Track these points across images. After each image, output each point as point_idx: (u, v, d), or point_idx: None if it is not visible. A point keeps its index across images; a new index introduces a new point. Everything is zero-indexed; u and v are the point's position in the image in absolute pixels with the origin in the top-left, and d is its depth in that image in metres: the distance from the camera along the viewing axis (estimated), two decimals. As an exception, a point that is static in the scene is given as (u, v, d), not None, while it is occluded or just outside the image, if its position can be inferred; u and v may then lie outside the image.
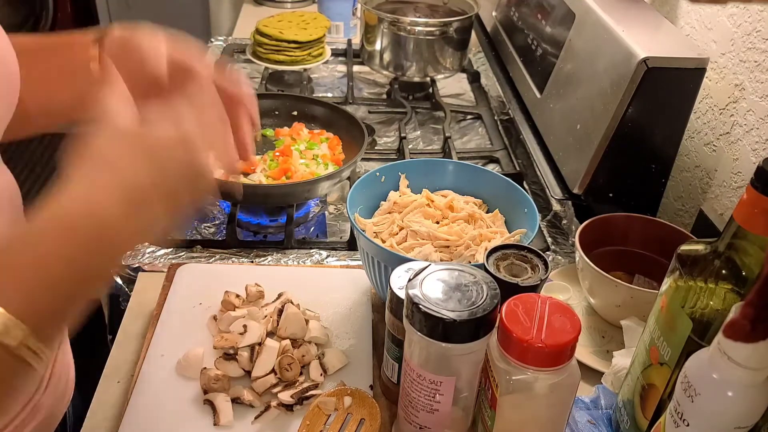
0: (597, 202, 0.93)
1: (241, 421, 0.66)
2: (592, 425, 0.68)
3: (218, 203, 1.04)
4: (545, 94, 1.07)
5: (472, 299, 0.56)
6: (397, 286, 0.63)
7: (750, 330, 0.45)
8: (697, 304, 0.54)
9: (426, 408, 0.60)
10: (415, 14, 1.36)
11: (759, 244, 0.51)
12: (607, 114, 0.87)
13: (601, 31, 0.93)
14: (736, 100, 0.88)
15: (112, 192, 0.44)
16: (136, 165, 0.46)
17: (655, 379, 0.60)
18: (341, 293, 0.82)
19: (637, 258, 0.84)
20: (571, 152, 0.95)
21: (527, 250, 0.67)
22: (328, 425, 0.66)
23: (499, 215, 0.83)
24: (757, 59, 0.84)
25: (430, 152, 1.19)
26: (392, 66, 1.34)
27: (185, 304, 0.79)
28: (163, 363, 0.71)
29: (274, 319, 0.74)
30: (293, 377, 0.69)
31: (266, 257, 0.91)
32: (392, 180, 0.86)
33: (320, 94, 1.40)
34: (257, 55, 1.36)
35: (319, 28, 1.38)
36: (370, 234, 0.78)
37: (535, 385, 0.54)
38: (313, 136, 1.08)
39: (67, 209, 0.43)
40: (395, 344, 0.66)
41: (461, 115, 1.33)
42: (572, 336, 0.53)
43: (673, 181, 1.02)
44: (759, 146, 0.83)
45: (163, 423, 0.65)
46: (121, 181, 0.45)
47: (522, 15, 1.24)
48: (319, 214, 1.05)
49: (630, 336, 0.74)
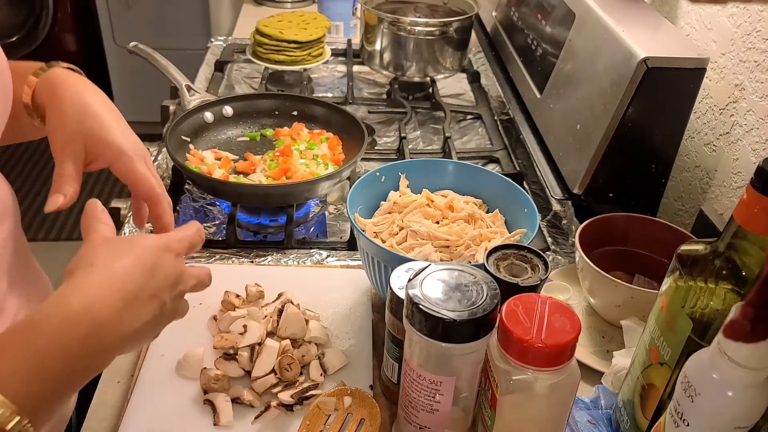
0: (597, 202, 0.93)
1: (241, 421, 0.66)
2: (592, 425, 0.68)
3: (218, 203, 1.04)
4: (545, 94, 1.07)
5: (472, 299, 0.56)
6: (397, 286, 0.63)
7: (750, 330, 0.45)
8: (697, 304, 0.55)
9: (426, 408, 0.60)
10: (415, 14, 1.36)
11: (759, 244, 0.51)
12: (607, 114, 0.87)
13: (601, 31, 0.93)
14: (736, 100, 0.88)
15: (109, 292, 0.48)
16: (127, 267, 0.50)
17: (655, 379, 0.60)
18: (341, 293, 0.82)
19: (637, 258, 0.84)
20: (571, 152, 0.95)
21: (527, 250, 0.67)
22: (328, 425, 0.66)
23: (499, 215, 0.83)
24: (757, 59, 0.84)
25: (430, 152, 1.19)
26: (392, 66, 1.34)
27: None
28: (163, 363, 0.71)
29: (274, 319, 0.74)
30: (293, 377, 0.69)
31: (266, 257, 0.91)
32: (392, 180, 0.86)
33: (320, 94, 1.40)
34: (257, 55, 1.36)
35: (319, 28, 1.38)
36: (370, 234, 0.78)
37: (535, 385, 0.54)
38: (313, 136, 1.08)
39: (68, 308, 0.47)
40: (395, 344, 0.66)
41: (461, 115, 1.33)
42: (572, 336, 0.53)
43: (673, 181, 1.02)
44: (759, 146, 0.83)
45: (163, 423, 0.65)
46: (115, 282, 0.49)
47: (522, 15, 1.24)
48: (319, 214, 1.05)
49: (630, 336, 0.74)
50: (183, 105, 1.10)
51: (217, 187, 0.96)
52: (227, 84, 1.40)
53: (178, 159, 0.96)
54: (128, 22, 2.86)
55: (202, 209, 1.03)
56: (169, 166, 1.07)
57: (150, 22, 2.85)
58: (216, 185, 0.96)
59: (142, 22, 2.85)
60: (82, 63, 3.35)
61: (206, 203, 1.04)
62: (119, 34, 2.88)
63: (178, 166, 0.95)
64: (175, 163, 0.96)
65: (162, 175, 1.07)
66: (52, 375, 0.45)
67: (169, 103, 1.19)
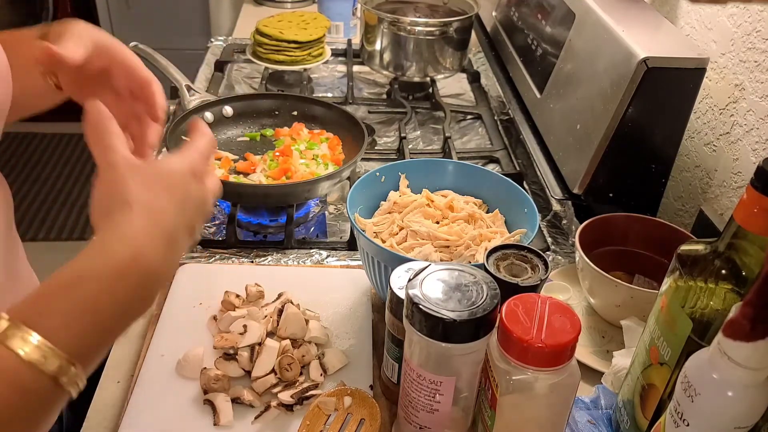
0: (597, 202, 0.93)
1: (241, 421, 0.66)
2: (592, 425, 0.68)
3: (218, 203, 1.04)
4: (545, 94, 1.07)
5: (472, 299, 0.56)
6: (397, 286, 0.63)
7: (750, 330, 0.45)
8: (697, 304, 0.55)
9: (426, 408, 0.60)
10: (415, 14, 1.36)
11: (759, 244, 0.51)
12: (607, 114, 0.87)
13: (601, 31, 0.93)
14: (736, 100, 0.88)
15: (153, 238, 0.48)
16: (164, 205, 0.50)
17: (655, 379, 0.60)
18: (341, 293, 0.82)
19: (637, 258, 0.84)
20: (571, 152, 0.95)
21: (527, 250, 0.67)
22: (328, 425, 0.66)
23: (499, 215, 0.83)
24: (757, 59, 0.84)
25: (430, 152, 1.19)
26: (392, 66, 1.34)
27: (185, 304, 0.79)
28: (163, 363, 0.71)
29: (274, 319, 0.74)
30: (293, 377, 0.69)
31: (266, 257, 0.91)
32: (392, 180, 0.86)
33: (320, 94, 1.40)
34: (257, 55, 1.36)
35: (319, 28, 1.38)
36: (370, 234, 0.78)
37: (535, 385, 0.54)
38: (313, 136, 1.08)
39: (117, 259, 0.47)
40: (395, 344, 0.66)
41: (461, 115, 1.33)
42: (572, 336, 0.53)
43: (673, 181, 1.02)
44: (759, 146, 0.83)
45: (163, 423, 0.65)
46: (157, 225, 0.49)
47: (522, 15, 1.24)
48: (319, 214, 1.05)
49: (630, 336, 0.74)
50: (183, 105, 1.10)
51: (217, 187, 0.96)
52: (227, 84, 1.40)
53: (178, 159, 0.96)
54: (128, 22, 2.86)
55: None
56: (169, 166, 1.07)
57: (150, 22, 2.85)
58: (216, 185, 0.96)
59: (142, 22, 2.85)
60: (82, 63, 3.25)
61: (206, 203, 1.04)
62: (119, 34, 2.85)
63: (178, 166, 0.95)
64: (175, 163, 0.96)
65: (162, 175, 1.07)
66: (104, 326, 0.46)
67: (169, 103, 1.19)
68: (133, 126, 0.65)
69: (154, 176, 0.51)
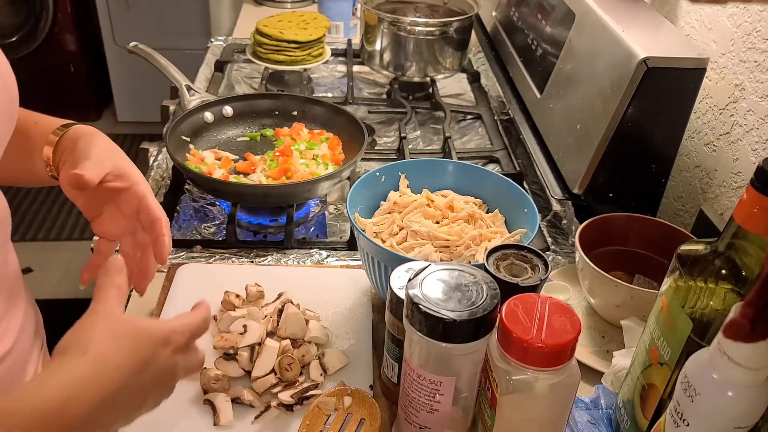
0: (597, 202, 0.93)
1: (241, 421, 0.66)
2: (592, 425, 0.68)
3: (218, 203, 1.04)
4: (545, 94, 1.07)
5: (472, 299, 0.56)
6: (397, 286, 0.63)
7: (750, 330, 0.45)
8: (697, 304, 0.55)
9: (426, 408, 0.60)
10: (415, 14, 1.36)
11: (759, 244, 0.51)
12: (607, 114, 0.87)
13: (601, 31, 0.93)
14: (736, 100, 0.88)
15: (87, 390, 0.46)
16: (120, 363, 0.48)
17: (655, 379, 0.60)
18: (341, 293, 0.82)
19: (637, 258, 0.84)
20: (571, 152, 0.95)
21: (527, 250, 0.67)
22: (328, 425, 0.66)
23: (499, 215, 0.83)
24: (757, 59, 0.84)
25: (430, 152, 1.19)
26: (392, 66, 1.34)
27: (185, 304, 0.78)
28: (163, 363, 0.71)
29: (274, 319, 0.74)
30: (293, 377, 0.69)
31: (266, 257, 0.91)
32: (392, 180, 0.86)
33: (320, 94, 1.40)
34: (257, 55, 1.36)
35: (319, 28, 1.38)
36: (370, 234, 0.78)
37: (535, 385, 0.54)
38: (313, 136, 1.08)
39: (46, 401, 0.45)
40: (395, 344, 0.66)
41: (461, 115, 1.33)
42: (572, 336, 0.53)
43: (673, 181, 1.02)
44: (759, 146, 0.83)
45: (163, 423, 0.65)
46: (100, 379, 0.47)
47: (522, 15, 1.24)
48: (319, 214, 1.05)
49: (630, 336, 0.74)
50: (183, 105, 1.10)
51: (217, 187, 0.96)
52: (227, 84, 1.40)
53: (178, 159, 0.96)
54: (128, 22, 2.86)
55: (202, 209, 1.03)
56: (169, 166, 1.07)
57: (150, 22, 2.85)
58: (216, 185, 0.96)
59: (142, 22, 2.85)
60: (82, 63, 3.35)
61: (206, 203, 1.04)
62: (119, 34, 2.88)
63: (178, 166, 0.95)
64: (175, 163, 0.96)
65: (162, 175, 1.07)
66: None
67: (169, 103, 1.19)
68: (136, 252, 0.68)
69: (124, 332, 0.50)
